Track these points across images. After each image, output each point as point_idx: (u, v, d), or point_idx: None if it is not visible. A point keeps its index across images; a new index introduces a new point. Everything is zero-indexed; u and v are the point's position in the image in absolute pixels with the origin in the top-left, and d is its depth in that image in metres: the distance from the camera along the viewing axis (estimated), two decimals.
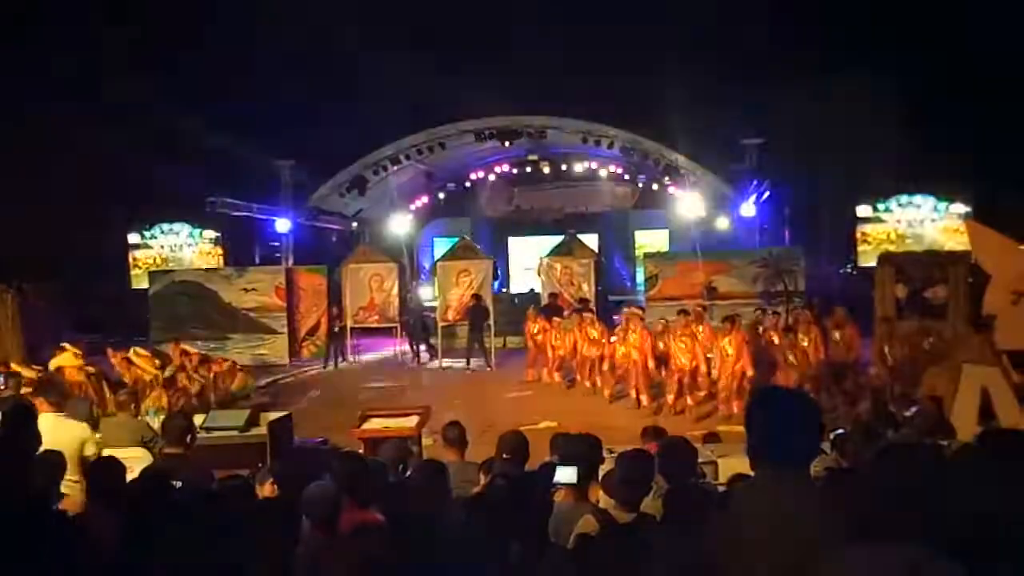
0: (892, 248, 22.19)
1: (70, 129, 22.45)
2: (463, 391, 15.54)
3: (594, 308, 17.78)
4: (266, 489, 5.16)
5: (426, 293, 24.27)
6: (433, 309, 20.09)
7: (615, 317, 15.55)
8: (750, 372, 12.53)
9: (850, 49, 22.56)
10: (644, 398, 13.57)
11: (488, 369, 17.96)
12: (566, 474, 4.53)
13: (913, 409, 7.75)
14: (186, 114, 22.49)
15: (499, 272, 29.84)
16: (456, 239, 29.07)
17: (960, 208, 22.97)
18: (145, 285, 22.13)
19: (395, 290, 20.36)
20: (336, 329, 19.75)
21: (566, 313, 16.99)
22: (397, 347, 20.36)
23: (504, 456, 5.29)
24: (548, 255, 20.71)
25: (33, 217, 20.80)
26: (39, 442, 4.38)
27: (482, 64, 24.20)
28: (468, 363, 18.12)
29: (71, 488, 5.28)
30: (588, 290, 19.87)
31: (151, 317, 20.47)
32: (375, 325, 20.49)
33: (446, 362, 18.74)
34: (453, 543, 3.62)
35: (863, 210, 23.90)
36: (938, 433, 6.37)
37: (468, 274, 19.19)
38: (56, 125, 21.97)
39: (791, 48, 22.91)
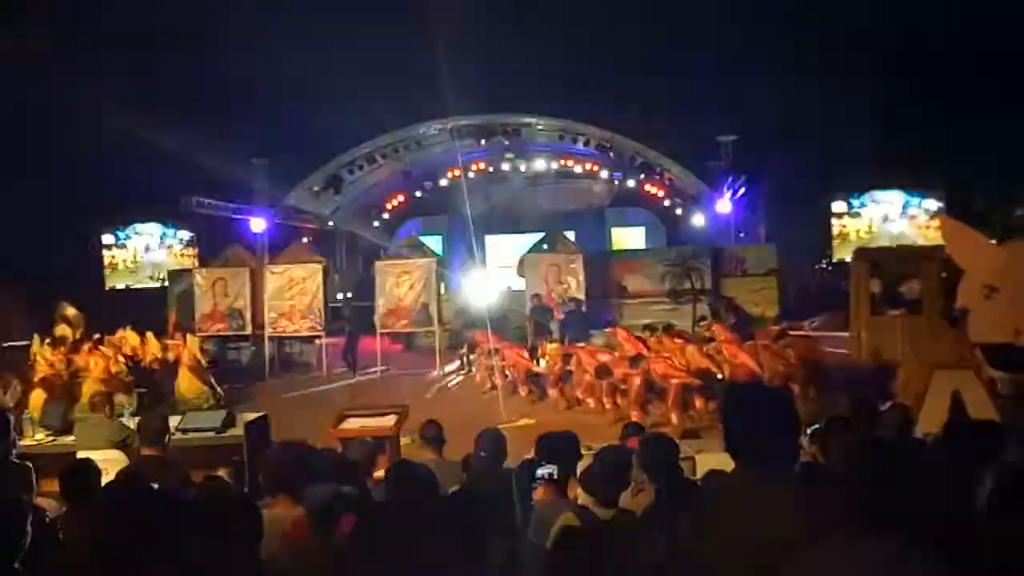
0: (867, 243, 22.38)
1: (42, 128, 22.21)
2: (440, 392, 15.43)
3: (585, 309, 16.90)
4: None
5: None
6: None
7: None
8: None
9: (824, 45, 22.71)
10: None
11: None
12: (546, 471, 4.54)
13: (887, 404, 7.83)
14: (159, 113, 22.28)
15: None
16: (440, 235, 29.21)
17: (933, 203, 23.19)
18: (119, 285, 22.04)
19: (320, 294, 18.12)
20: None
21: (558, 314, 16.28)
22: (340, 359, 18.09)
23: (482, 454, 5.29)
24: (530, 252, 19.33)
25: (3, 217, 20.54)
26: (14, 447, 4.34)
27: (458, 62, 24.14)
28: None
29: None
30: (578, 289, 18.14)
31: (176, 316, 20.06)
32: (300, 334, 18.41)
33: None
34: (433, 541, 3.61)
35: (838, 205, 24.08)
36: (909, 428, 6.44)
37: (408, 275, 17.73)
38: (26, 124, 21.72)
39: (765, 45, 23.04)
